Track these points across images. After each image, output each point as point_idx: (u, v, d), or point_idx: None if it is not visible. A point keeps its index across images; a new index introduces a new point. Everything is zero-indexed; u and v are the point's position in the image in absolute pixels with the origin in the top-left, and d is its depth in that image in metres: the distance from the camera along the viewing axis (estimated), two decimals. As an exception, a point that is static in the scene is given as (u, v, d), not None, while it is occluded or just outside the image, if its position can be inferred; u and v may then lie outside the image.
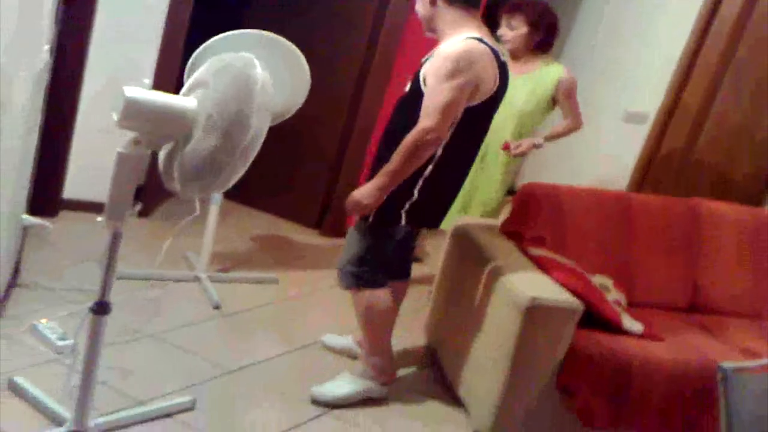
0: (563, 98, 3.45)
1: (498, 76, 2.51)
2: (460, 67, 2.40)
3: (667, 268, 3.15)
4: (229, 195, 4.78)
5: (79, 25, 3.74)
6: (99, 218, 2.04)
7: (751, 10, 4.00)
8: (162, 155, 2.02)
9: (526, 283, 2.60)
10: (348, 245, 2.75)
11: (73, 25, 3.67)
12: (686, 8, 4.15)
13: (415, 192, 2.58)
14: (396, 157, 2.46)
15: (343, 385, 2.82)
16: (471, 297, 2.85)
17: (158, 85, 3.86)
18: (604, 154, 4.55)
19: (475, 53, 2.44)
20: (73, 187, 3.99)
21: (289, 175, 4.73)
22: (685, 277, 3.17)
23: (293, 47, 3.00)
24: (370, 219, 2.63)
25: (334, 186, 4.58)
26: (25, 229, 3.23)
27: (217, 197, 3.53)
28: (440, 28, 2.55)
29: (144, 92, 1.88)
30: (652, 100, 4.28)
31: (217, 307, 3.32)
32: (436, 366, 3.20)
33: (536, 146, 3.47)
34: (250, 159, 1.92)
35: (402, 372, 3.08)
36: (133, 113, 1.86)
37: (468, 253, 3.00)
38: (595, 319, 2.69)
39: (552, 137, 3.55)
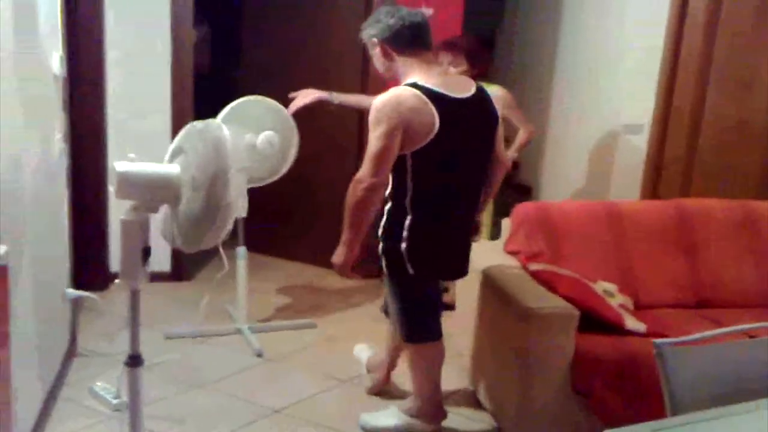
0: (508, 112, 3.85)
1: (438, 115, 2.52)
2: (381, 116, 2.50)
3: (669, 268, 3.29)
4: (260, 249, 5.13)
5: (92, 115, 4.23)
6: (116, 281, 2.31)
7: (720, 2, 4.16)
8: (159, 218, 2.31)
9: (525, 296, 2.81)
10: (390, 302, 2.91)
11: (86, 114, 4.16)
12: (656, 12, 4.30)
13: (403, 243, 2.64)
14: (346, 211, 2.59)
15: (389, 417, 3.00)
16: (489, 317, 3.08)
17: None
18: (615, 166, 4.71)
19: (399, 100, 2.52)
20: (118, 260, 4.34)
21: (310, 222, 4.99)
22: (690, 275, 3.29)
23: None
24: (386, 273, 2.75)
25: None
26: (76, 303, 3.56)
27: (242, 252, 3.82)
28: (399, 78, 2.70)
29: (132, 165, 2.19)
30: (645, 110, 4.45)
31: (259, 355, 3.60)
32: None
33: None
34: (235, 213, 2.18)
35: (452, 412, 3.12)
36: (126, 184, 2.17)
37: (481, 278, 3.21)
38: (599, 322, 2.87)
39: (519, 149, 4.06)
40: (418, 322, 2.87)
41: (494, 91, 3.79)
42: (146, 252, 2.34)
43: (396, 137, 2.50)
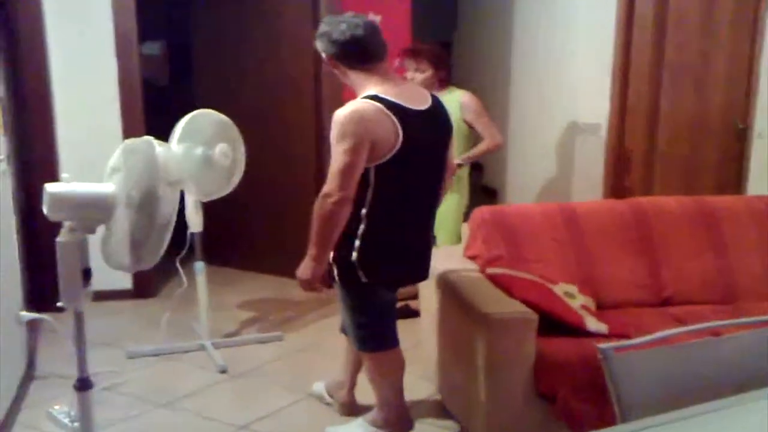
0: (473, 118, 3.85)
1: (401, 128, 2.51)
2: (345, 130, 2.48)
3: (629, 267, 3.28)
4: (223, 262, 5.09)
5: (41, 134, 4.22)
6: (59, 303, 2.27)
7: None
8: (99, 238, 2.27)
9: (483, 301, 2.79)
10: (342, 312, 2.88)
11: (35, 134, 4.17)
12: (604, 13, 4.37)
13: (354, 252, 2.61)
14: (313, 226, 2.56)
15: (355, 428, 2.97)
16: (450, 323, 3.06)
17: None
18: (576, 166, 4.73)
19: (363, 114, 2.50)
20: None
21: (277, 232, 4.93)
22: (650, 274, 3.28)
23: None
24: (339, 283, 2.72)
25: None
26: (32, 326, 3.49)
27: (200, 266, 3.77)
28: (356, 91, 2.68)
29: (64, 186, 2.15)
30: (601, 109, 4.49)
31: (223, 371, 3.55)
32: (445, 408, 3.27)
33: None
34: (170, 228, 2.15)
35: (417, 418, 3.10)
36: (58, 205, 2.13)
37: (438, 281, 3.19)
38: (561, 325, 2.86)
39: (470, 158, 3.93)
40: (374, 331, 2.84)
41: (460, 96, 3.86)
42: (86, 273, 2.30)
43: (362, 152, 2.48)
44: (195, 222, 3.74)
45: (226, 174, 3.70)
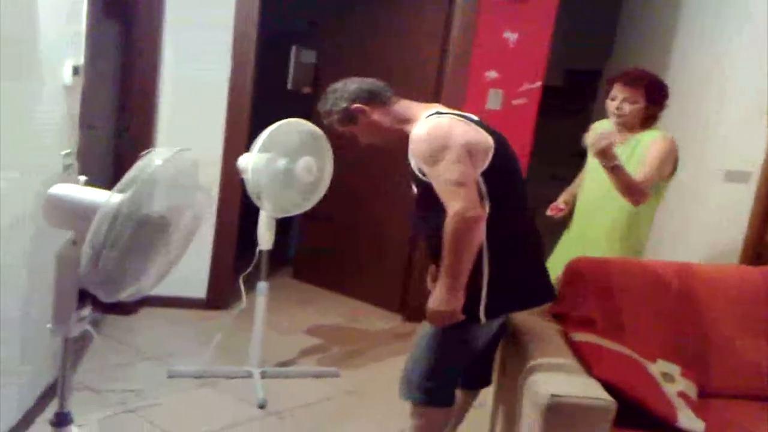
0: (647, 158, 3.03)
1: (484, 132, 2.34)
2: (441, 143, 2.25)
3: (750, 350, 2.67)
4: (314, 280, 4.80)
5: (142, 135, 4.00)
6: (48, 325, 1.96)
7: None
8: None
9: (553, 377, 2.27)
10: (419, 352, 2.49)
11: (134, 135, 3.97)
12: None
13: (484, 282, 2.32)
14: (448, 254, 2.24)
15: None
16: (509, 393, 2.54)
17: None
18: (713, 221, 4.05)
19: (446, 122, 2.32)
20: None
21: (369, 254, 4.66)
22: (774, 361, 2.66)
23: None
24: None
25: (411, 262, 4.41)
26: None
27: (262, 287, 3.44)
28: (406, 126, 2.41)
29: (68, 189, 1.84)
30: (752, 156, 3.82)
31: (261, 406, 3.20)
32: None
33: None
34: (172, 267, 1.80)
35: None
36: (53, 210, 1.82)
37: (511, 339, 2.69)
38: (646, 416, 2.29)
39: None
40: (447, 383, 2.48)
41: (655, 136, 3.09)
42: (83, 294, 1.98)
43: (465, 159, 2.26)
44: (265, 239, 3.42)
45: (308, 190, 3.37)
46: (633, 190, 2.95)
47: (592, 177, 3.18)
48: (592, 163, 3.15)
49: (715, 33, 4.14)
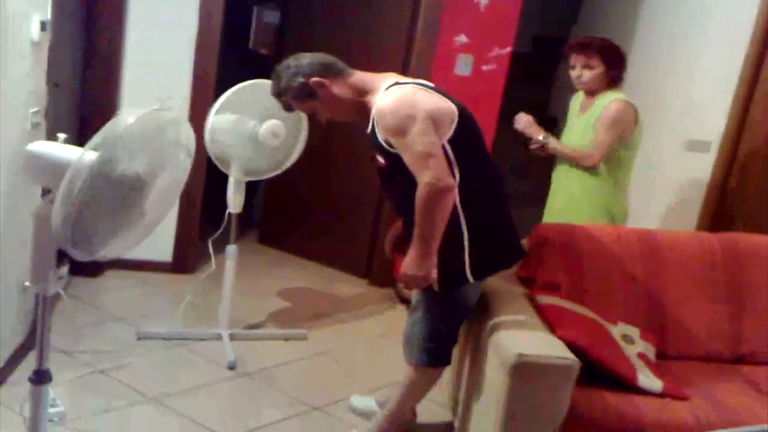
0: (598, 124, 3.18)
1: (448, 99, 2.39)
2: (408, 113, 2.29)
3: (705, 313, 2.78)
4: (280, 245, 4.80)
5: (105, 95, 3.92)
6: (26, 283, 1.96)
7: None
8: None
9: (518, 336, 2.34)
10: (418, 317, 2.58)
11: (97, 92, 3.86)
12: (739, 22, 3.78)
13: (465, 247, 2.41)
14: (420, 221, 2.29)
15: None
16: (474, 352, 2.61)
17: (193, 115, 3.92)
18: (674, 188, 4.15)
19: (410, 92, 2.36)
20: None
21: (335, 220, 4.66)
22: (730, 324, 2.77)
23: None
24: (436, 287, 2.44)
25: (377, 228, 4.43)
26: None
27: (231, 250, 3.45)
28: (368, 98, 2.44)
29: (46, 146, 1.83)
30: (714, 126, 3.90)
31: (231, 368, 3.23)
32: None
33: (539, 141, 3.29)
34: (152, 227, 1.81)
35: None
36: (34, 167, 1.82)
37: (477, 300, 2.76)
38: (607, 375, 2.38)
39: (555, 148, 3.29)
40: (446, 342, 2.59)
41: (612, 100, 3.19)
42: (61, 253, 1.98)
43: (433, 128, 2.30)
44: (234, 202, 3.41)
45: (277, 155, 3.36)
46: (578, 158, 3.21)
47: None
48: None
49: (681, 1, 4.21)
